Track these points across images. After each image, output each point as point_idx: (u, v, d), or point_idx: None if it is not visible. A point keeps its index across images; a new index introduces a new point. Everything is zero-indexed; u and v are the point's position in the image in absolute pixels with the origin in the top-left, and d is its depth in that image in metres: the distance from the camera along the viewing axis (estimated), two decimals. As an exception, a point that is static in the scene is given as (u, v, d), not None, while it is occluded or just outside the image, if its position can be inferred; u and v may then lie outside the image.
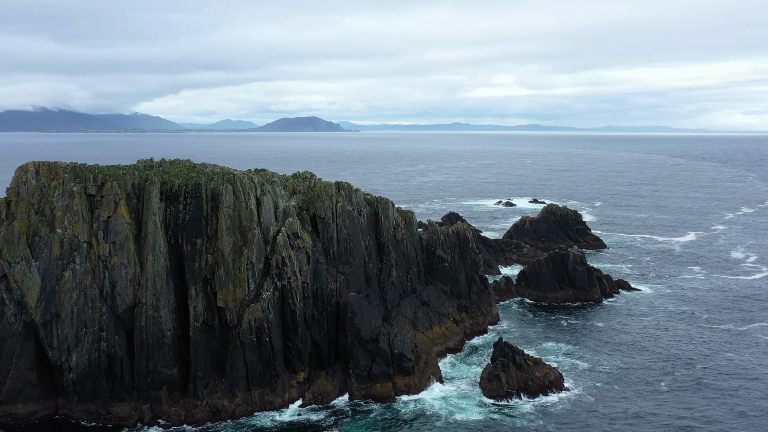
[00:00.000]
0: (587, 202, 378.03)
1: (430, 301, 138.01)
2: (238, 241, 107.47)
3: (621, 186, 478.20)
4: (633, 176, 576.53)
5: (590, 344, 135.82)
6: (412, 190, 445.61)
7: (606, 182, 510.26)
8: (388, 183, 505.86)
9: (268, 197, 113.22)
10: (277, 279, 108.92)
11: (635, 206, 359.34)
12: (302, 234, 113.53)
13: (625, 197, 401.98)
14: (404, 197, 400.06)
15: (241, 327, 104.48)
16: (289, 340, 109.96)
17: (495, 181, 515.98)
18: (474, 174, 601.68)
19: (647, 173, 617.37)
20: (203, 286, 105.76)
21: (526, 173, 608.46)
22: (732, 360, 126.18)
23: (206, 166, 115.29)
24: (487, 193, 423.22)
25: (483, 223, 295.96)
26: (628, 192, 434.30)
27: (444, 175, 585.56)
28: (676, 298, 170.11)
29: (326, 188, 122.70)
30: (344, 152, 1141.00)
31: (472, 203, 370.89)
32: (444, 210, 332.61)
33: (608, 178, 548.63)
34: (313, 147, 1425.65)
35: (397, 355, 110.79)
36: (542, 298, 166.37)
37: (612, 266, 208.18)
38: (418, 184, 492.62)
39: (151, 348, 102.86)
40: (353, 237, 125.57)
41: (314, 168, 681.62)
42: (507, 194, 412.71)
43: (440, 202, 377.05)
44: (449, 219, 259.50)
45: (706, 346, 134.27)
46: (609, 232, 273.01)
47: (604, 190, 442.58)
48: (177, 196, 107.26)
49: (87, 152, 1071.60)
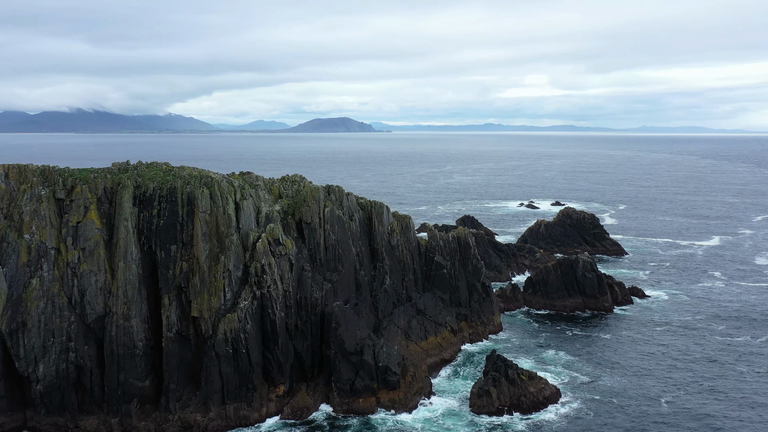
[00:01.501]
0: (612, 204, 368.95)
1: (426, 309, 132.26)
2: (215, 248, 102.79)
3: (648, 188, 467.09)
4: (661, 178, 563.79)
5: (593, 356, 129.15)
6: (434, 192, 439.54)
7: (633, 184, 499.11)
8: (411, 184, 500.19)
9: (249, 202, 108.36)
10: (256, 287, 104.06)
11: (660, 209, 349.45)
12: (285, 240, 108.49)
13: (650, 200, 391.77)
14: (425, 199, 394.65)
15: (216, 338, 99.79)
16: (269, 351, 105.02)
17: (519, 183, 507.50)
18: (499, 175, 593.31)
19: (677, 175, 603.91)
20: (177, 294, 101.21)
21: (553, 175, 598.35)
22: (743, 376, 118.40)
23: (184, 169, 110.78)
24: (510, 195, 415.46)
25: (501, 226, 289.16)
26: (655, 194, 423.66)
27: (469, 177, 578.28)
28: (691, 307, 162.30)
29: (313, 192, 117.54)
30: (373, 153, 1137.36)
31: (493, 205, 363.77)
32: (463, 212, 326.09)
33: (636, 180, 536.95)
34: (342, 148, 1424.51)
35: (381, 368, 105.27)
36: (550, 306, 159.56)
37: (629, 272, 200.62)
38: (442, 186, 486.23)
39: (121, 359, 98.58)
40: (342, 243, 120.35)
41: (339, 169, 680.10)
42: (530, 196, 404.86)
43: (460, 204, 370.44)
44: (463, 222, 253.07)
45: (718, 360, 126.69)
46: (630, 236, 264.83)
47: (630, 193, 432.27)
48: (151, 200, 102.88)
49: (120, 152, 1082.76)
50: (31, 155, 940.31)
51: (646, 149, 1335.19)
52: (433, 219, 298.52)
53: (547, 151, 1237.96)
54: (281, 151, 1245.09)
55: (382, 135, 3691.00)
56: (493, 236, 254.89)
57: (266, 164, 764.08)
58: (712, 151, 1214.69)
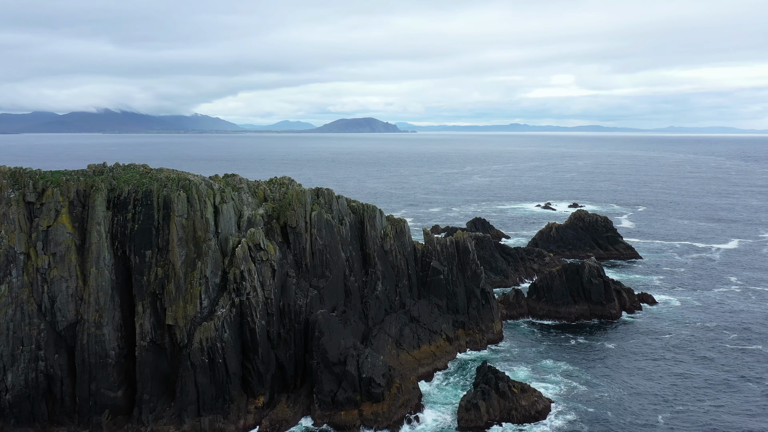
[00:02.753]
0: (630, 206, 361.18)
1: (420, 316, 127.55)
2: (192, 253, 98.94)
3: (669, 190, 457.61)
4: (684, 179, 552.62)
5: (594, 366, 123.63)
6: (450, 193, 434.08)
7: (654, 186, 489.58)
8: (428, 185, 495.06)
9: (229, 205, 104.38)
10: (235, 295, 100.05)
11: (680, 211, 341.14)
12: (267, 245, 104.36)
13: (670, 201, 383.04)
14: (440, 200, 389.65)
15: (191, 347, 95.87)
16: (248, 360, 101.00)
17: (539, 184, 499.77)
18: (519, 176, 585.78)
19: (700, 176, 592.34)
20: (152, 301, 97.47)
21: (574, 176, 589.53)
22: (750, 393, 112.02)
23: (162, 171, 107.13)
24: (528, 197, 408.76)
25: (515, 228, 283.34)
26: (675, 196, 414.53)
27: (489, 178, 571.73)
28: (703, 314, 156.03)
29: (299, 195, 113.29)
30: (394, 153, 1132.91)
31: (509, 207, 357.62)
32: (477, 214, 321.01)
33: (657, 182, 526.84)
34: (364, 148, 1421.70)
35: (365, 379, 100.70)
36: (554, 313, 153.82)
37: (642, 277, 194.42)
38: (459, 187, 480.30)
39: (93, 368, 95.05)
40: (331, 248, 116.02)
41: (358, 169, 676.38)
42: (549, 198, 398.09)
43: (476, 205, 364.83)
44: (474, 224, 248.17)
45: (724, 373, 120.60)
46: (646, 239, 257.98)
47: (651, 194, 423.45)
48: (126, 203, 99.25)
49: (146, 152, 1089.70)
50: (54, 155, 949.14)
51: (671, 150, 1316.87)
52: (445, 221, 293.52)
53: (570, 151, 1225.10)
54: (303, 151, 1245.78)
55: (406, 135, 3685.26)
56: (503, 239, 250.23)
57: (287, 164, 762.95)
58: (739, 152, 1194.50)
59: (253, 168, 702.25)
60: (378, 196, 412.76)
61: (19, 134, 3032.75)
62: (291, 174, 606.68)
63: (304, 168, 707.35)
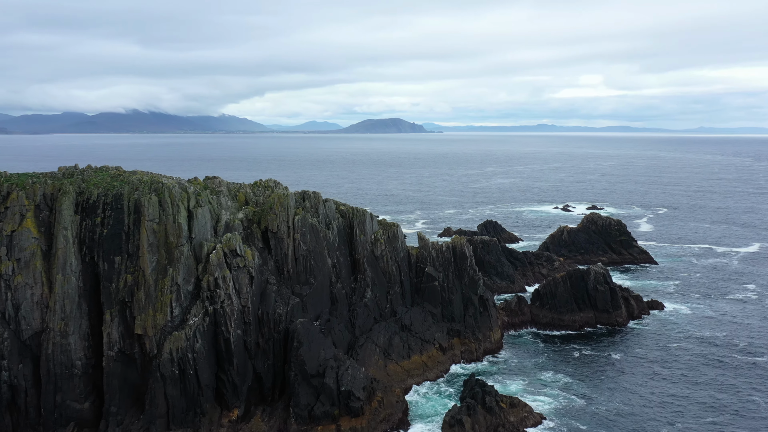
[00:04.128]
0: (651, 208, 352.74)
1: (412, 325, 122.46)
2: (163, 260, 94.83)
3: (692, 191, 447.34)
4: (709, 181, 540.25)
5: (594, 378, 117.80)
6: (467, 194, 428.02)
7: (678, 187, 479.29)
8: (448, 186, 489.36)
9: (205, 209, 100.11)
10: (209, 303, 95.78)
11: (702, 214, 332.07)
12: (244, 251, 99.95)
13: (693, 204, 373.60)
14: (457, 201, 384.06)
15: (161, 357, 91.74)
16: (223, 371, 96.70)
17: (560, 186, 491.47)
18: (541, 178, 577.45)
19: (726, 177, 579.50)
20: (121, 309, 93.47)
21: (597, 177, 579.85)
22: (759, 410, 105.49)
23: (135, 173, 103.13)
24: (547, 198, 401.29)
25: (530, 230, 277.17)
26: (699, 198, 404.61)
27: (509, 179, 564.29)
28: (715, 323, 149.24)
29: (281, 199, 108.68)
30: (417, 154, 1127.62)
31: (526, 209, 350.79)
32: (493, 216, 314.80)
33: (682, 183, 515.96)
34: (387, 149, 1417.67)
35: (344, 392, 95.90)
36: (557, 320, 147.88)
37: (656, 283, 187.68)
38: (478, 188, 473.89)
39: (59, 379, 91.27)
40: (316, 253, 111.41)
41: (378, 170, 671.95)
42: (568, 200, 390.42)
43: (492, 207, 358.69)
44: (485, 227, 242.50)
45: (731, 387, 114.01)
46: (664, 242, 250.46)
47: (673, 196, 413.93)
48: (95, 207, 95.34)
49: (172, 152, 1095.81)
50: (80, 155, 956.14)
51: (699, 151, 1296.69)
52: (458, 223, 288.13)
53: (595, 152, 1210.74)
54: (326, 151, 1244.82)
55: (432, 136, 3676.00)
56: (515, 242, 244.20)
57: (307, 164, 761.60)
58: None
59: (273, 168, 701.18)
60: (394, 197, 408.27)
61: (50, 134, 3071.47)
62: (308, 174, 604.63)
63: (323, 169, 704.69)
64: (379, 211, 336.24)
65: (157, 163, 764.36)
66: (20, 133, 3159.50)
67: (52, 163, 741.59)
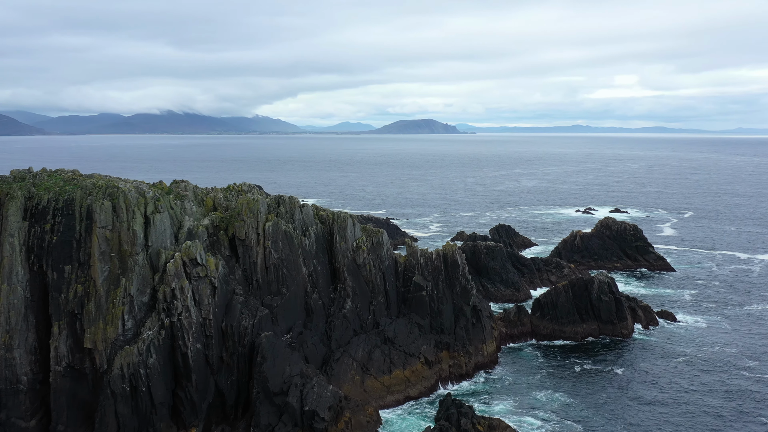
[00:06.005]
0: (676, 212, 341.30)
1: (396, 337, 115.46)
2: (116, 269, 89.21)
3: (722, 194, 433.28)
4: (741, 183, 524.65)
5: (593, 397, 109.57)
6: (489, 197, 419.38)
7: (707, 190, 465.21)
8: (471, 188, 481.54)
9: (164, 215, 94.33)
10: (165, 315, 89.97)
11: (729, 218, 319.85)
12: (207, 260, 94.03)
13: (721, 207, 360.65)
14: (477, 204, 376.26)
15: (111, 373, 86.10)
16: (181, 388, 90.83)
17: (585, 188, 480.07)
18: (567, 179, 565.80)
19: (760, 179, 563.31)
20: (70, 322, 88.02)
21: (625, 179, 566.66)
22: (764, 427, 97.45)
23: (91, 177, 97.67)
24: (569, 201, 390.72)
25: (546, 234, 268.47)
26: (728, 201, 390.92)
27: (535, 181, 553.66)
28: (726, 335, 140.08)
29: (250, 204, 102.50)
30: (447, 155, 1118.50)
31: (546, 212, 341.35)
32: (511, 219, 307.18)
33: (712, 185, 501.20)
34: (417, 150, 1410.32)
35: (307, 412, 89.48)
36: (559, 332, 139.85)
37: (671, 291, 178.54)
38: (501, 191, 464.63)
39: (3, 395, 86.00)
40: (289, 262, 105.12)
41: (403, 171, 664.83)
42: (592, 202, 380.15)
43: (512, 209, 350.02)
44: (497, 231, 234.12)
45: (739, 404, 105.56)
46: (685, 248, 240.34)
47: (701, 199, 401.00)
48: (44, 213, 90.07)
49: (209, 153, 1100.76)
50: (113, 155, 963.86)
51: (734, 152, 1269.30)
52: (473, 227, 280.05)
53: (627, 153, 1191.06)
54: (356, 152, 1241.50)
55: (465, 137, 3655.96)
56: (529, 246, 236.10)
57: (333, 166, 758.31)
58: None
59: (297, 169, 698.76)
60: (414, 199, 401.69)
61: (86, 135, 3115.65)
62: (330, 176, 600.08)
63: (348, 170, 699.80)
64: (395, 213, 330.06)
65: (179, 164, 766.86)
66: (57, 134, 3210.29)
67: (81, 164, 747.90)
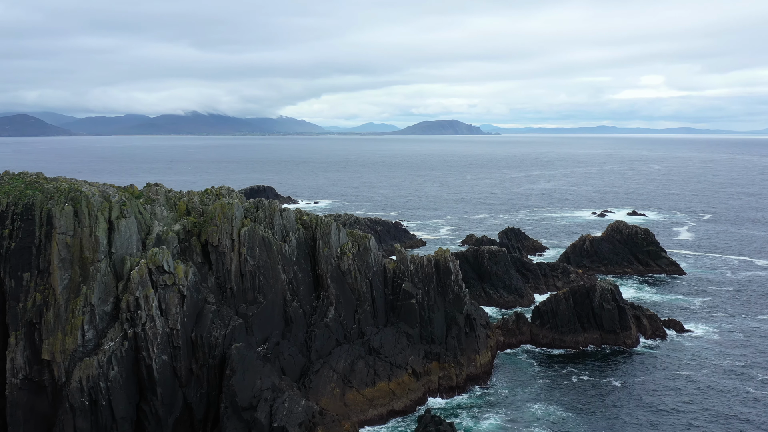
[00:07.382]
0: (695, 215, 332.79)
1: (382, 348, 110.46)
2: (77, 277, 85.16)
3: (744, 196, 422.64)
4: (764, 185, 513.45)
5: (591, 411, 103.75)
6: (504, 198, 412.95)
7: (729, 192, 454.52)
8: (488, 190, 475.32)
9: (130, 220, 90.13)
10: (128, 325, 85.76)
11: (750, 221, 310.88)
12: (175, 267, 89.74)
13: (742, 210, 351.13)
14: (492, 206, 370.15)
15: (70, 386, 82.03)
16: (146, 402, 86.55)
17: (604, 190, 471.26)
18: (587, 181, 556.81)
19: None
20: (28, 332, 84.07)
21: (646, 181, 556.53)
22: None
23: (55, 180, 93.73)
24: (586, 204, 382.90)
25: (559, 238, 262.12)
26: (750, 204, 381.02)
27: (553, 183, 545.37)
28: (736, 346, 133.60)
29: (224, 209, 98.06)
30: (468, 156, 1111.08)
31: (560, 214, 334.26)
32: (524, 222, 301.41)
33: (734, 187, 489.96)
34: (438, 150, 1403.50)
35: (276, 429, 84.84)
36: (559, 341, 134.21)
37: (682, 298, 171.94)
38: (518, 192, 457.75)
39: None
40: (266, 269, 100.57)
41: (421, 173, 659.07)
42: (610, 205, 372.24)
43: (526, 212, 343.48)
44: (506, 234, 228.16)
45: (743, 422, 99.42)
46: (701, 252, 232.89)
47: (722, 202, 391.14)
48: (3, 218, 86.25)
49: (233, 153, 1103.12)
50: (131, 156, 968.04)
51: (760, 153, 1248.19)
52: (484, 230, 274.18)
53: (650, 154, 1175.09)
54: (377, 153, 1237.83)
55: (488, 137, 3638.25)
56: (539, 250, 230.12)
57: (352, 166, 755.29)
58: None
59: (317, 170, 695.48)
60: (428, 200, 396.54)
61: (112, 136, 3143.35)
62: (348, 177, 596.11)
63: (366, 171, 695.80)
64: (408, 215, 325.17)
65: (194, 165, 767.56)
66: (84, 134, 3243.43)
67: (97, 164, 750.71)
